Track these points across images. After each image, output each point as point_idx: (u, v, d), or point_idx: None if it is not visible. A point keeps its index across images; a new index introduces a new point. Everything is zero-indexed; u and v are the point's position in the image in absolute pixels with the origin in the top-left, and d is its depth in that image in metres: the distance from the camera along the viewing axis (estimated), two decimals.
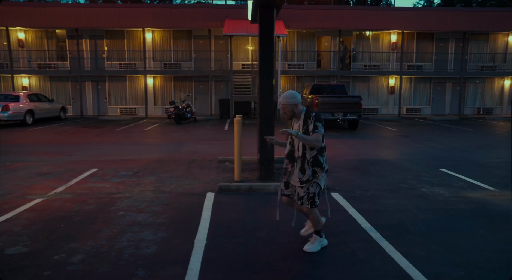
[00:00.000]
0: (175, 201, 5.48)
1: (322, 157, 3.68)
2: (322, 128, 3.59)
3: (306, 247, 3.85)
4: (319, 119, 3.60)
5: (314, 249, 3.84)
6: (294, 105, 3.66)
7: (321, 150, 3.67)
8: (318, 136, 3.55)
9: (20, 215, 4.81)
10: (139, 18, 19.78)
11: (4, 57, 20.69)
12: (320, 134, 3.56)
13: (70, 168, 7.62)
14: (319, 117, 3.62)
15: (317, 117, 3.60)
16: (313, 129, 3.57)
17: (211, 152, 9.64)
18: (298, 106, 3.69)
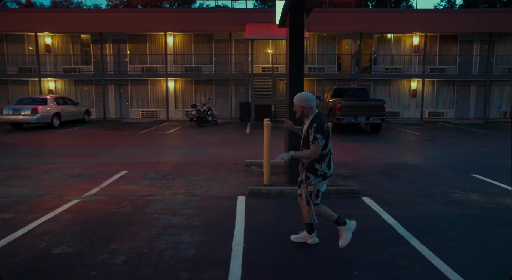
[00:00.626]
0: (207, 204, 5.53)
1: (320, 164, 3.77)
2: (322, 139, 3.66)
3: (340, 243, 3.88)
4: (319, 130, 3.66)
5: (347, 241, 3.85)
6: (305, 107, 3.79)
7: (319, 158, 3.76)
8: (315, 148, 3.66)
9: (60, 216, 4.94)
10: (161, 22, 20.09)
11: (32, 62, 21.32)
12: (319, 146, 3.66)
13: (100, 170, 7.78)
14: (319, 128, 3.66)
15: (317, 128, 3.66)
16: (312, 140, 3.68)
17: (236, 155, 9.69)
18: (309, 109, 3.81)
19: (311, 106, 3.79)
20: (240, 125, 17.69)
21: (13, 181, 6.89)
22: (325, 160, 3.78)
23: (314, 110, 3.83)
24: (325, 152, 3.76)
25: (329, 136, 3.77)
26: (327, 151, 3.79)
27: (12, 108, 15.35)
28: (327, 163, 3.81)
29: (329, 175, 3.86)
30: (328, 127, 3.82)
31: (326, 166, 3.80)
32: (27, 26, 20.06)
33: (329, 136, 3.79)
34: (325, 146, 3.73)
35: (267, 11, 21.56)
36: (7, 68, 21.29)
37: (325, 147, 3.74)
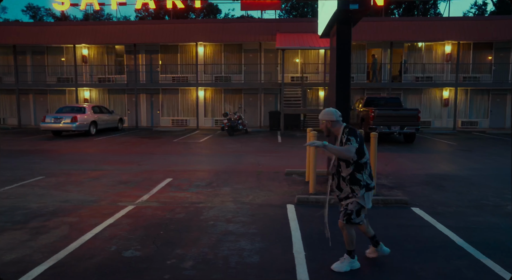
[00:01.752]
0: (258, 212, 5.63)
1: (361, 174, 3.63)
2: (355, 141, 3.53)
3: (334, 265, 3.76)
4: (352, 133, 3.57)
5: (340, 269, 3.70)
6: (328, 121, 3.70)
7: (359, 167, 3.62)
8: (349, 146, 3.51)
9: (120, 221, 5.14)
10: (192, 33, 20.57)
11: (69, 72, 22.20)
12: (352, 146, 3.51)
13: (146, 177, 8.02)
14: (352, 131, 3.59)
15: (350, 132, 3.59)
16: (345, 141, 3.57)
17: (273, 164, 9.79)
18: (332, 123, 3.70)
19: (333, 119, 3.68)
20: (270, 134, 17.80)
21: (68, 186, 7.20)
22: (365, 170, 3.65)
23: (340, 123, 3.72)
24: (363, 161, 3.63)
25: (363, 144, 3.63)
26: (365, 160, 3.65)
27: (54, 116, 16.01)
28: (369, 173, 3.70)
29: (372, 187, 3.72)
30: (362, 136, 3.68)
31: (368, 176, 3.68)
32: (66, 38, 20.95)
33: (364, 145, 3.65)
34: (362, 154, 3.61)
35: (297, 21, 21.78)
36: (47, 78, 22.23)
37: (362, 155, 3.61)
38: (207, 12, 46.90)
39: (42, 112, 22.47)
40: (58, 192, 6.78)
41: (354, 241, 3.78)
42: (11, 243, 4.33)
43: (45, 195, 6.56)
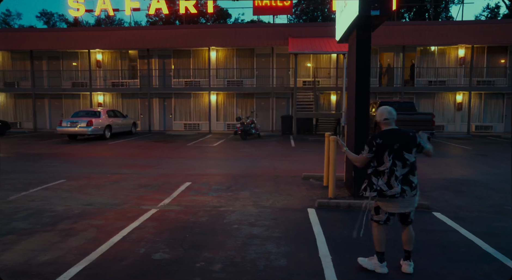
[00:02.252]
0: (280, 216, 5.68)
1: (376, 178, 3.72)
2: (367, 152, 3.73)
3: (360, 258, 3.96)
4: (367, 142, 3.78)
5: (363, 263, 3.88)
6: (377, 121, 3.89)
7: (376, 172, 3.74)
8: (360, 156, 3.85)
9: (145, 224, 5.22)
10: (205, 38, 20.77)
11: (83, 77, 22.55)
12: (362, 155, 3.80)
13: (165, 181, 8.12)
14: (368, 140, 3.78)
15: (367, 141, 3.80)
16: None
17: (289, 168, 9.83)
18: (379, 123, 3.90)
19: (378, 120, 3.82)
20: (283, 138, 17.84)
21: (89, 190, 7.33)
22: (381, 176, 3.68)
23: (387, 124, 3.77)
24: (380, 169, 3.67)
25: (383, 153, 3.65)
26: (383, 169, 3.66)
27: (70, 120, 16.27)
28: (386, 182, 3.67)
29: (388, 195, 3.65)
30: (384, 145, 3.64)
31: (385, 184, 3.67)
32: (81, 43, 21.31)
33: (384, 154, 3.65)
34: (379, 162, 3.68)
35: (309, 25, 21.88)
36: (62, 83, 22.61)
37: (379, 163, 3.68)
38: (217, 17, 47.28)
39: (57, 116, 22.84)
40: (80, 195, 6.90)
41: (380, 244, 3.80)
42: (43, 245, 4.44)
43: (69, 198, 6.69)
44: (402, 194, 3.67)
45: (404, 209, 3.73)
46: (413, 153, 3.71)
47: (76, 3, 22.02)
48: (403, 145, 3.67)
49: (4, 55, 23.02)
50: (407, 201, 3.71)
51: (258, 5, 20.86)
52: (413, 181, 3.72)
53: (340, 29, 7.56)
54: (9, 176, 8.69)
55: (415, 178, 3.73)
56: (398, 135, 3.70)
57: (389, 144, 3.66)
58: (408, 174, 3.71)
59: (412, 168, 3.72)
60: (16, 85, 22.94)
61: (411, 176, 3.71)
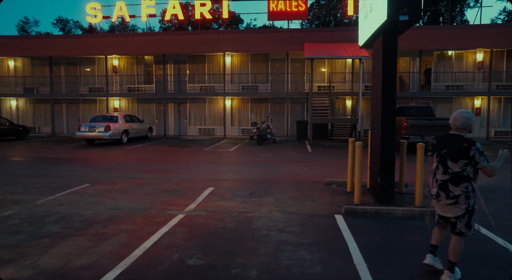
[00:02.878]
0: (308, 222, 5.64)
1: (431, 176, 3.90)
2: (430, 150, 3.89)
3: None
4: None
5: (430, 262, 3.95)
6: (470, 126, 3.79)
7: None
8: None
9: (175, 229, 5.24)
10: (220, 43, 20.89)
11: (100, 82, 22.87)
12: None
13: (187, 186, 8.14)
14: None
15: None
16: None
17: (310, 174, 9.78)
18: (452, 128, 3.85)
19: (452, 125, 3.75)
20: (298, 143, 17.79)
21: (114, 194, 7.38)
22: (432, 175, 3.87)
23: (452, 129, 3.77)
24: (432, 168, 3.87)
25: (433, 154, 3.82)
26: (433, 168, 3.85)
27: (88, 125, 16.48)
28: (431, 181, 3.88)
29: (430, 194, 3.86)
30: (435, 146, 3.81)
31: (430, 182, 3.90)
32: (98, 49, 21.63)
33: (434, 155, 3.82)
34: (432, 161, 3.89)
35: (324, 30, 21.86)
36: (79, 88, 22.96)
37: (432, 162, 3.90)
38: (229, 22, 47.61)
39: (74, 121, 23.18)
40: (106, 199, 6.96)
41: (434, 237, 4.04)
42: (78, 249, 4.48)
43: (95, 202, 6.75)
44: (437, 197, 3.74)
45: (443, 213, 3.78)
46: (459, 163, 3.61)
47: (94, 10, 22.40)
48: (449, 152, 3.66)
49: (25, 62, 23.50)
50: (444, 206, 3.72)
51: (273, 10, 20.92)
52: (452, 191, 3.66)
53: (364, 34, 7.53)
54: (34, 180, 8.82)
55: (457, 189, 3.63)
56: (449, 141, 3.70)
57: (438, 148, 3.79)
58: (448, 182, 3.67)
59: (454, 178, 3.64)
60: (35, 91, 23.37)
61: (451, 185, 3.65)
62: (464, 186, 3.62)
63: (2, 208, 6.33)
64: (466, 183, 3.62)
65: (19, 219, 5.69)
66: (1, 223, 5.52)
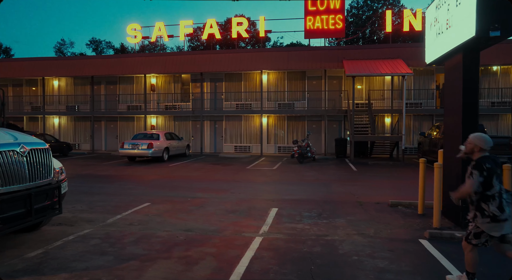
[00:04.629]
0: (395, 247, 5.35)
1: (486, 204, 3.78)
2: (478, 176, 3.75)
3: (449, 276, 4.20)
4: (477, 168, 3.78)
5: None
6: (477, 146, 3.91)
7: (485, 197, 3.80)
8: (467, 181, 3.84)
9: (260, 253, 5.06)
10: (257, 61, 21.05)
11: (138, 100, 23.37)
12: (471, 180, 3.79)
13: (249, 206, 7.99)
14: (477, 165, 3.79)
15: (475, 166, 3.81)
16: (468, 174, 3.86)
17: (367, 194, 9.49)
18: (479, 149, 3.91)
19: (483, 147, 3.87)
20: (339, 162, 17.46)
21: (179, 214, 7.31)
22: (491, 201, 3.76)
23: (483, 152, 3.88)
24: (489, 193, 3.76)
25: (492, 177, 3.75)
26: (493, 193, 3.76)
27: (131, 142, 16.74)
28: (498, 206, 3.75)
29: (502, 219, 3.75)
30: (493, 169, 3.77)
31: (497, 208, 3.75)
32: (137, 68, 22.19)
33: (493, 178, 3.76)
34: (488, 186, 3.75)
35: (362, 47, 21.74)
36: (118, 106, 23.52)
37: (488, 187, 3.76)
38: (256, 41, 48.22)
39: (112, 138, 23.67)
40: (174, 219, 6.88)
41: (475, 264, 3.94)
42: (171, 273, 4.35)
43: (164, 222, 6.68)
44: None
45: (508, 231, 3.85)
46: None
47: (134, 31, 23.11)
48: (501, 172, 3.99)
49: (68, 81, 24.35)
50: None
51: (310, 28, 21.00)
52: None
53: (434, 52, 7.31)
54: (93, 197, 8.89)
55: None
56: (497, 161, 3.90)
57: (495, 169, 3.81)
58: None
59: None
60: (77, 109, 24.08)
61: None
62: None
63: (77, 227, 6.34)
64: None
65: (98, 239, 5.66)
66: (83, 242, 5.50)
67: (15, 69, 23.41)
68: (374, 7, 45.70)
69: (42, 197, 5.34)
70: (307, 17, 20.90)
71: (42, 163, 5.31)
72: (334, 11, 20.66)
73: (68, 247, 5.32)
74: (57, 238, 5.73)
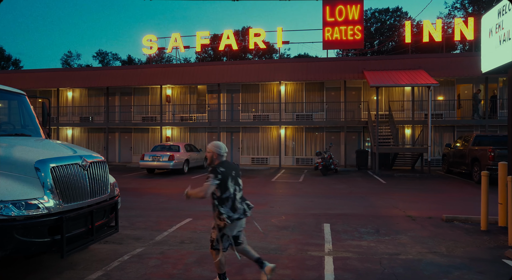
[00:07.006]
0: (484, 269, 4.94)
1: (222, 207, 3.97)
2: (214, 179, 3.92)
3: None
4: (211, 171, 3.98)
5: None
6: (214, 153, 4.11)
7: (220, 201, 3.99)
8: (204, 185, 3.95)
9: (342, 275, 4.66)
10: (275, 72, 20.82)
11: (153, 111, 23.10)
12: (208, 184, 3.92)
13: (298, 222, 7.60)
14: (212, 170, 3.99)
15: (211, 170, 4.01)
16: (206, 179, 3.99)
17: (412, 208, 9.13)
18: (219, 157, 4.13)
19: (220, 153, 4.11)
20: (363, 174, 17.07)
21: None
22: (226, 203, 3.97)
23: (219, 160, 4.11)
24: (225, 195, 3.98)
25: (226, 180, 3.96)
26: (227, 195, 3.99)
27: (152, 155, 16.39)
28: (230, 207, 3.99)
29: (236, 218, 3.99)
30: (226, 173, 3.99)
31: (230, 209, 3.98)
32: (153, 79, 21.97)
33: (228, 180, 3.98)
34: (223, 189, 3.95)
35: (382, 58, 21.54)
36: (132, 117, 23.24)
37: (223, 190, 3.96)
38: (263, 52, 48.28)
39: (126, 149, 23.33)
40: None
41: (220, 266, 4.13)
42: None
43: None
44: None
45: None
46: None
47: (150, 42, 22.98)
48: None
49: (82, 92, 24.14)
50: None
51: (328, 39, 20.84)
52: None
53: (495, 60, 7.01)
54: (129, 212, 8.49)
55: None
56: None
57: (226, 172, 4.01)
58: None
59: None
60: (91, 120, 23.80)
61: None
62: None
63: (126, 245, 5.95)
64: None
65: (156, 259, 5.26)
66: (141, 263, 5.10)
67: (28, 80, 23.20)
68: (382, 19, 45.93)
69: (101, 214, 4.98)
70: (326, 28, 20.75)
71: (100, 177, 4.96)
72: (353, 22, 20.51)
73: (128, 268, 4.93)
74: (111, 257, 5.35)
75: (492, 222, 7.21)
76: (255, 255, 4.28)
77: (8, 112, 6.07)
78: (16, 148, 4.62)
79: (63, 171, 4.33)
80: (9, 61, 46.39)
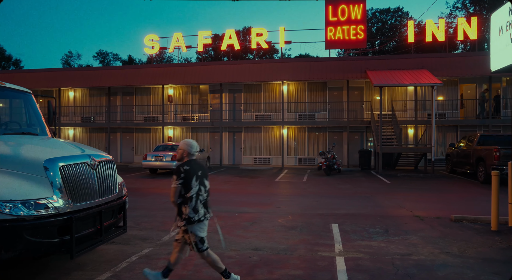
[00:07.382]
0: (499, 270, 4.87)
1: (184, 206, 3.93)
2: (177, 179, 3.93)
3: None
4: (174, 172, 3.97)
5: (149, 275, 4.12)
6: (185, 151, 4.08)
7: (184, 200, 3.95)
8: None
9: (355, 276, 4.58)
10: (278, 72, 20.73)
11: (155, 111, 23.02)
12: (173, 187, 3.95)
13: (306, 222, 7.52)
14: (175, 170, 3.98)
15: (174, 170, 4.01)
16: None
17: (419, 208, 9.06)
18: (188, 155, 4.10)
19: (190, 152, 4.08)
20: (366, 174, 16.99)
21: (236, 231, 6.83)
22: (189, 203, 3.88)
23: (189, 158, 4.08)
24: (188, 194, 3.90)
25: (190, 179, 3.91)
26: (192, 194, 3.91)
27: (154, 155, 16.31)
28: (193, 207, 3.90)
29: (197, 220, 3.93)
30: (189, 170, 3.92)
31: (192, 210, 3.89)
32: (155, 79, 21.89)
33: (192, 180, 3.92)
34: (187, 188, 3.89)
35: (384, 58, 21.48)
36: (134, 117, 23.16)
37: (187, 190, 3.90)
38: (264, 52, 48.20)
39: (127, 149, 23.25)
40: (234, 237, 6.40)
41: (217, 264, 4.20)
42: None
43: (226, 240, 6.17)
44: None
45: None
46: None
47: (151, 42, 22.90)
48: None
49: (84, 92, 24.06)
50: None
51: (331, 39, 20.76)
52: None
53: (505, 58, 6.94)
54: (134, 212, 8.37)
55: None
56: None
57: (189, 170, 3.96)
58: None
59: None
60: (92, 120, 23.72)
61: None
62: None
63: (133, 246, 5.88)
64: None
65: (165, 260, 5.16)
66: (150, 264, 5.02)
67: (29, 80, 23.09)
68: (383, 19, 45.87)
69: (109, 214, 4.90)
70: (328, 28, 20.68)
71: (109, 176, 4.88)
72: (355, 21, 20.44)
73: (137, 269, 4.85)
74: (119, 258, 5.27)
75: (502, 222, 7.13)
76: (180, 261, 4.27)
77: (14, 111, 5.99)
78: (24, 147, 4.55)
79: (72, 170, 4.25)
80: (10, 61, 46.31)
